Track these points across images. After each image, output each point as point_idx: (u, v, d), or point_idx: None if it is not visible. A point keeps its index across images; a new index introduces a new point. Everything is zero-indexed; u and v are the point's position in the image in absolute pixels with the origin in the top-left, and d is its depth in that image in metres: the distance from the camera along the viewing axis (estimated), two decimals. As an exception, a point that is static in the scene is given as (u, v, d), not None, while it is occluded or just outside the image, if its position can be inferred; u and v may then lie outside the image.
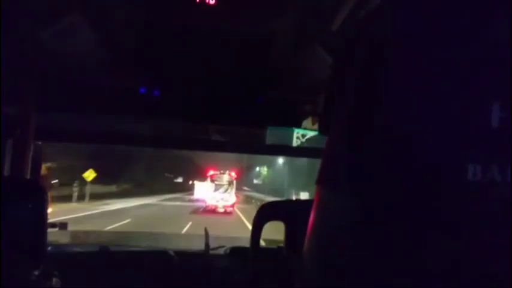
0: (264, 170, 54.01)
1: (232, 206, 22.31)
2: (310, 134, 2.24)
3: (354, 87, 0.47)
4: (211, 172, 24.11)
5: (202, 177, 25.66)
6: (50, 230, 1.64)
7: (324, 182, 0.46)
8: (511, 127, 0.36)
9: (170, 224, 14.75)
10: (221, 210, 21.27)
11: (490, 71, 0.38)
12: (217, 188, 22.84)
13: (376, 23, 0.47)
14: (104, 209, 20.69)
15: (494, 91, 0.38)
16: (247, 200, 35.44)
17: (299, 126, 2.17)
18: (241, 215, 20.07)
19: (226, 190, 22.88)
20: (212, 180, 23.40)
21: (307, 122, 2.09)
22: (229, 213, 20.92)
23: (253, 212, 1.38)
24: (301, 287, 0.47)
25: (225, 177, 23.78)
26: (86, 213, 17.84)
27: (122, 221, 15.36)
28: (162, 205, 26.91)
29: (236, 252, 1.83)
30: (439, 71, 0.40)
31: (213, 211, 20.99)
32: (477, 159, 0.37)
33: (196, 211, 21.47)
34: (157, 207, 24.35)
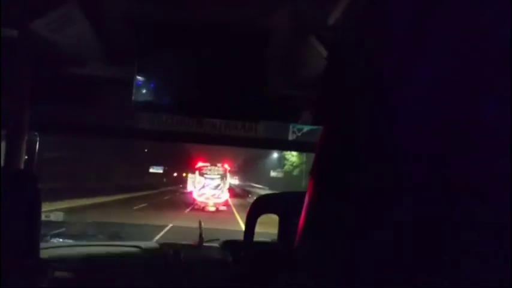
0: (291, 155, 32.74)
1: (225, 203, 19.26)
2: (306, 128, 2.24)
3: (350, 81, 0.47)
4: (199, 164, 20.34)
5: (194, 169, 20.77)
6: (44, 219, 1.64)
7: (316, 174, 0.47)
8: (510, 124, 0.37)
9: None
10: (212, 208, 18.13)
11: (485, 67, 0.39)
12: (207, 182, 19.51)
13: (372, 18, 0.47)
14: None
15: (489, 88, 0.38)
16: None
17: (295, 121, 2.17)
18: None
19: (217, 185, 19.52)
20: (201, 174, 19.81)
21: (303, 117, 2.09)
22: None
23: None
24: (292, 280, 0.48)
25: (216, 170, 20.15)
26: None
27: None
28: None
29: (230, 245, 1.84)
30: (436, 65, 0.41)
31: (202, 209, 17.86)
32: (471, 156, 0.37)
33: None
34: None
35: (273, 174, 34.60)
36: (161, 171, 36.04)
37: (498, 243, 0.35)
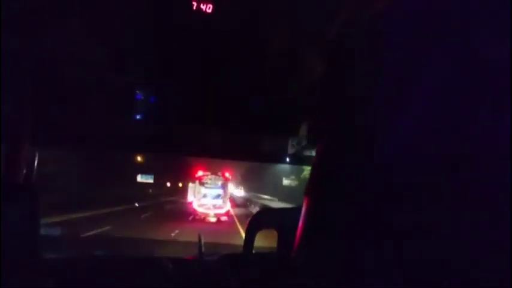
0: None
1: (227, 213, 18.27)
2: (305, 142, 2.24)
3: (349, 92, 0.47)
4: (199, 173, 19.50)
5: (194, 179, 19.90)
6: (43, 232, 1.63)
7: (312, 194, 0.46)
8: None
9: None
10: (213, 219, 17.21)
11: (485, 72, 0.39)
12: (208, 192, 18.69)
13: (373, 27, 0.47)
14: None
15: (489, 92, 0.38)
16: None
17: (295, 134, 2.17)
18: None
19: (218, 195, 18.69)
20: (201, 183, 18.93)
21: (302, 131, 2.09)
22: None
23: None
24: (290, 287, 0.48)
25: (217, 179, 19.34)
26: None
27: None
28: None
29: (229, 258, 1.82)
30: (436, 74, 0.41)
31: (202, 220, 16.90)
32: (470, 161, 0.37)
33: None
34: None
35: (285, 182, 27.98)
36: (151, 180, 28.47)
37: (498, 243, 0.35)
